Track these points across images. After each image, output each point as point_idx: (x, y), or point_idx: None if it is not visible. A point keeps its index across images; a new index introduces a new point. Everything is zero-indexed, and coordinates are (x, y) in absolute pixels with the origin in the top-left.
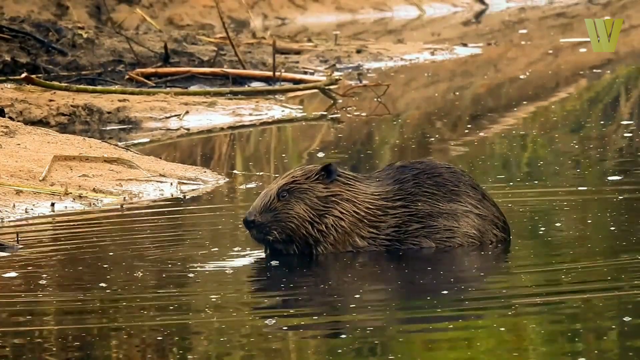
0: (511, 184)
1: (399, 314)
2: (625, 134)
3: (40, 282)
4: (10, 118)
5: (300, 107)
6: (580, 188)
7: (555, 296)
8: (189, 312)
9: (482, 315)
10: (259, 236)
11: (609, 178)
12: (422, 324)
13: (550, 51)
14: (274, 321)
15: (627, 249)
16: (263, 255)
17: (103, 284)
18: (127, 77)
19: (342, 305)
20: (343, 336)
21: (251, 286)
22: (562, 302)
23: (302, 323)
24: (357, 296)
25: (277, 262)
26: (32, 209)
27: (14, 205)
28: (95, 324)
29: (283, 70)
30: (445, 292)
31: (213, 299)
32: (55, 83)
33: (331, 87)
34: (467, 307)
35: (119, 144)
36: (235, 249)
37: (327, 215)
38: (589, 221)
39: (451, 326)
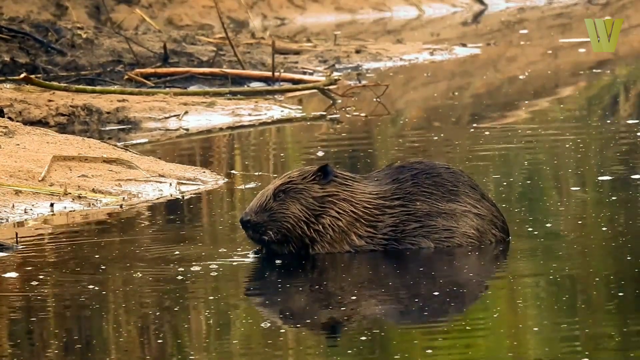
0: (505, 183)
1: (397, 315)
2: (623, 134)
3: (39, 282)
4: (10, 118)
5: (300, 107)
6: (573, 188)
7: (554, 297)
8: (187, 313)
9: (481, 315)
10: (254, 236)
11: (607, 178)
12: (420, 324)
13: (550, 51)
14: (269, 323)
15: (622, 248)
16: (261, 255)
17: (102, 285)
18: (126, 77)
19: (339, 306)
20: (339, 338)
21: (249, 286)
22: (561, 302)
23: (299, 325)
24: (354, 297)
25: (275, 262)
26: (31, 209)
27: (13, 206)
28: (94, 325)
29: (282, 71)
30: (436, 293)
31: (211, 299)
32: (55, 83)
33: (330, 87)
34: (465, 307)
35: (118, 144)
36: (234, 249)
37: (323, 215)
38: (587, 221)
39: (450, 327)
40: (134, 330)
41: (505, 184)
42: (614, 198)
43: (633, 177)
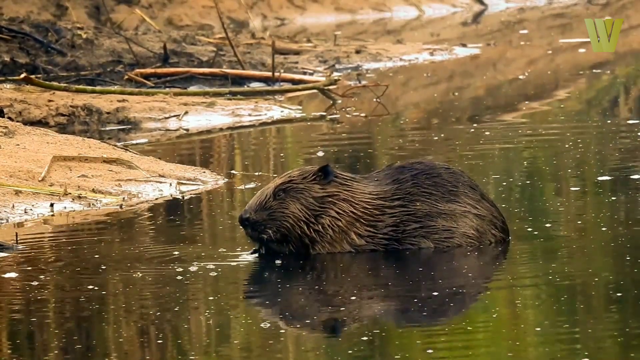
0: (504, 183)
1: (397, 315)
2: (623, 134)
3: (39, 282)
4: (10, 118)
5: (300, 107)
6: (573, 188)
7: (553, 297)
8: (187, 313)
9: (481, 315)
10: (253, 234)
11: (607, 178)
12: (420, 325)
13: (550, 51)
14: (269, 323)
15: (622, 249)
16: (260, 255)
17: (102, 285)
18: (126, 77)
19: (339, 306)
20: (339, 338)
21: (249, 287)
22: (560, 303)
23: (299, 325)
24: (354, 297)
25: (274, 262)
26: (31, 210)
27: (13, 206)
28: (93, 325)
29: (282, 71)
30: (436, 293)
31: (211, 300)
32: (55, 83)
33: (330, 87)
34: (465, 308)
35: (118, 144)
36: (234, 249)
37: (323, 216)
38: (587, 222)
39: (450, 328)
40: (134, 331)
41: (505, 184)
42: (613, 198)
43: (633, 177)
